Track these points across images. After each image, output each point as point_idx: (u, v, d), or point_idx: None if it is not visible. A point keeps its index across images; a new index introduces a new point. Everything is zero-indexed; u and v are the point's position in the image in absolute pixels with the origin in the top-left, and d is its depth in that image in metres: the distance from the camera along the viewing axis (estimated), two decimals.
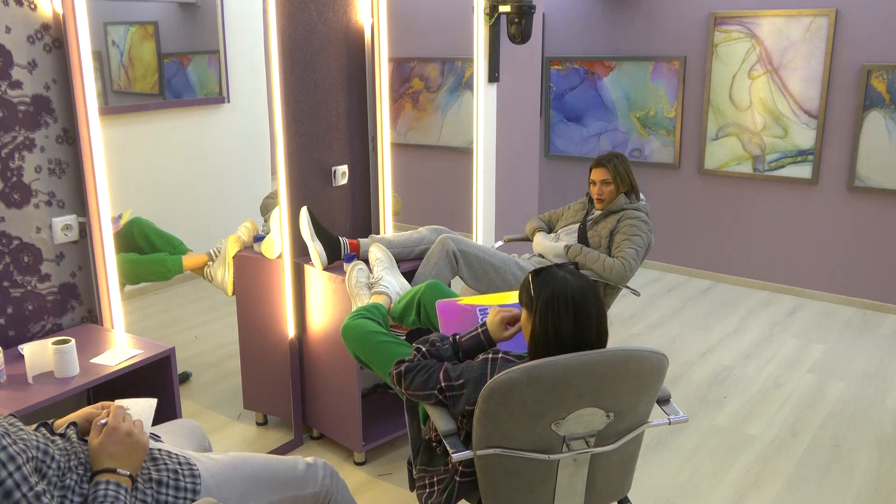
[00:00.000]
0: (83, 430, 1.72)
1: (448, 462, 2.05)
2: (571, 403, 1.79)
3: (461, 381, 1.94)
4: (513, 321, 2.14)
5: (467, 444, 1.91)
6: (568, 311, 1.84)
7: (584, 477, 1.94)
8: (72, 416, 1.74)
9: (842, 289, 4.93)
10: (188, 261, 3.20)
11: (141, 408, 1.75)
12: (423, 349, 2.10)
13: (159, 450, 1.76)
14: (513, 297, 2.43)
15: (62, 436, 1.66)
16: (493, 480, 1.90)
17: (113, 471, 1.57)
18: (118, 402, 1.77)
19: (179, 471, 1.71)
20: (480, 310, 2.42)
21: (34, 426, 1.66)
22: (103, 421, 1.64)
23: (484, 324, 2.15)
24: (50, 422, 1.71)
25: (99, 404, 1.76)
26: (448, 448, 1.88)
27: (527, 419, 1.79)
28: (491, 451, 1.83)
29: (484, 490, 1.93)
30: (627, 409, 1.88)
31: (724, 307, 4.87)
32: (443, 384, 1.96)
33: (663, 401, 2.12)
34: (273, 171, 3.04)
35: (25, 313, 2.38)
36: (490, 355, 1.97)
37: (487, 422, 1.81)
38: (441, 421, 1.95)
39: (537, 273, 1.94)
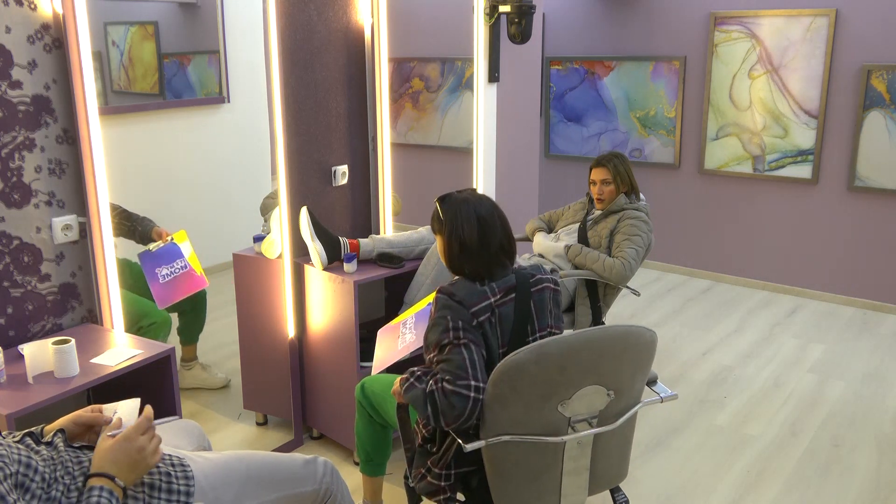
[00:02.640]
0: (71, 436, 1.67)
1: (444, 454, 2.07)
2: (576, 381, 1.85)
3: (461, 350, 1.91)
4: None
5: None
6: (471, 221, 2.06)
7: (587, 461, 1.99)
8: (60, 422, 1.69)
9: (842, 289, 4.93)
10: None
11: (126, 409, 1.71)
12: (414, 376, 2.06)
13: None
14: (427, 301, 2.60)
15: (49, 444, 1.61)
16: (502, 470, 1.92)
17: (112, 478, 1.53)
18: (105, 406, 1.72)
19: (172, 473, 1.69)
20: (403, 323, 2.56)
21: (19, 436, 1.61)
22: (114, 433, 1.59)
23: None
24: (37, 429, 1.66)
25: (90, 408, 1.71)
26: (458, 439, 1.89)
27: (536, 401, 1.84)
28: (501, 438, 1.86)
29: (493, 482, 1.94)
30: (626, 386, 1.95)
31: (724, 307, 4.87)
32: (449, 336, 1.92)
33: (651, 381, 2.19)
34: (273, 171, 3.04)
35: (25, 313, 2.38)
36: (434, 299, 2.03)
37: (498, 407, 1.84)
38: None
39: (442, 199, 2.15)
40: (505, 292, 2.03)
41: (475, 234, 2.05)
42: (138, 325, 2.91)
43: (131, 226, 3.15)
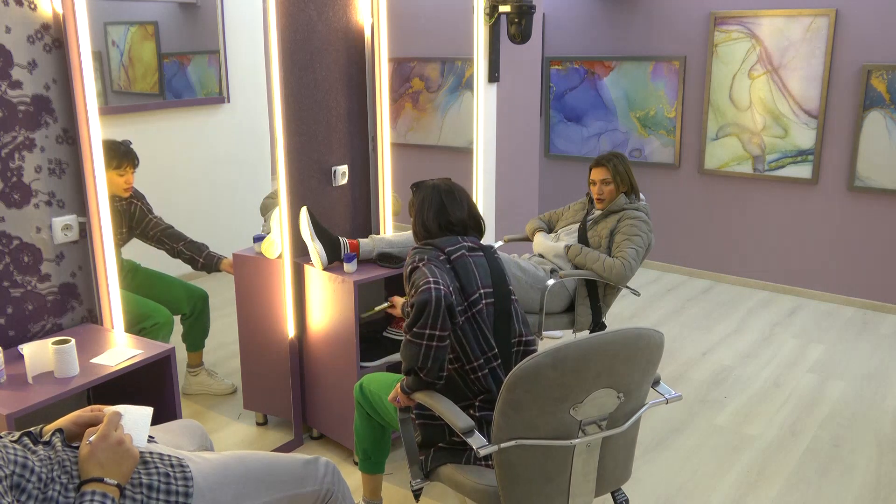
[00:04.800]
0: (70, 436, 1.67)
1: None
2: (590, 385, 1.86)
3: (422, 268, 2.12)
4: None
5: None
6: (432, 208, 2.34)
7: (595, 463, 1.99)
8: (60, 422, 1.69)
9: (842, 289, 4.93)
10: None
11: (136, 416, 1.70)
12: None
13: (150, 452, 1.72)
14: None
15: (47, 443, 1.61)
16: (513, 474, 1.92)
17: (100, 480, 1.52)
18: (113, 407, 1.72)
19: (171, 474, 1.68)
20: None
21: (17, 435, 1.61)
22: (93, 438, 1.59)
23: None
24: (36, 429, 1.66)
25: (89, 408, 1.71)
26: (472, 445, 1.90)
27: (550, 405, 1.84)
28: (514, 442, 1.86)
29: (504, 486, 1.94)
30: (635, 388, 1.96)
31: (724, 307, 4.87)
32: (415, 263, 2.16)
33: (655, 382, 2.20)
34: (273, 171, 3.04)
35: (25, 313, 2.38)
36: (410, 253, 2.26)
37: (511, 412, 1.85)
38: (458, 419, 1.98)
39: (416, 186, 2.43)
40: (474, 244, 2.31)
41: (434, 216, 2.33)
42: (140, 326, 2.91)
43: (191, 256, 3.20)
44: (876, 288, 4.81)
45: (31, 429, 1.66)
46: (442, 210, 2.32)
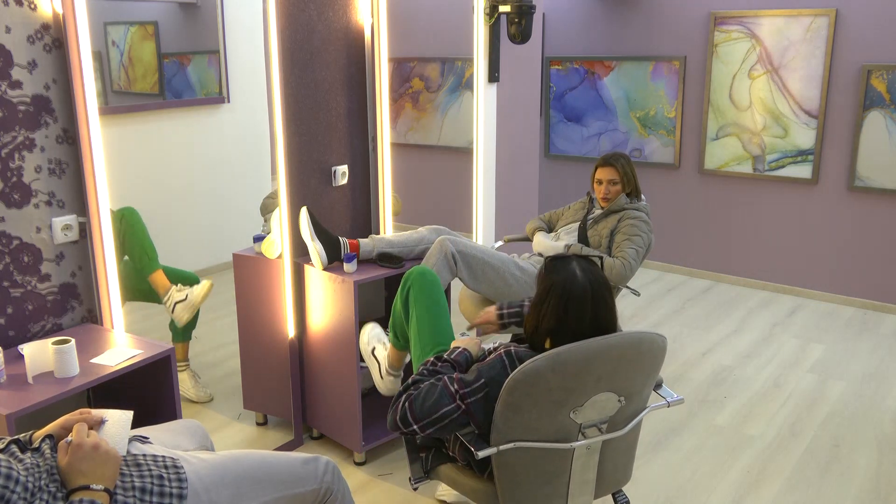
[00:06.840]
0: (60, 441, 1.66)
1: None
2: (591, 389, 1.84)
3: (481, 380, 1.89)
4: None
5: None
6: (559, 305, 1.89)
7: (595, 465, 1.99)
8: (49, 427, 1.69)
9: (842, 289, 4.93)
10: (157, 278, 3.23)
11: (116, 420, 1.71)
12: (428, 368, 2.07)
13: (144, 455, 1.71)
14: None
15: (36, 450, 1.60)
16: (512, 476, 1.92)
17: (86, 488, 1.52)
18: (97, 411, 1.72)
19: (165, 476, 1.67)
20: None
21: (5, 442, 1.60)
22: (69, 439, 1.59)
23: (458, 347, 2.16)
24: (25, 436, 1.65)
25: (78, 411, 1.71)
26: (470, 447, 1.89)
27: (550, 408, 1.83)
28: (512, 444, 1.86)
29: (502, 487, 1.93)
30: (636, 392, 1.95)
31: (724, 307, 4.87)
32: (461, 391, 1.89)
33: (657, 385, 2.20)
34: (273, 171, 3.04)
35: (25, 313, 2.38)
36: (502, 350, 1.94)
37: (511, 414, 1.84)
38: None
39: (553, 260, 1.98)
40: None
41: (554, 316, 1.90)
42: (140, 266, 3.03)
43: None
44: (876, 288, 4.81)
45: (20, 435, 1.65)
46: (561, 322, 1.90)
